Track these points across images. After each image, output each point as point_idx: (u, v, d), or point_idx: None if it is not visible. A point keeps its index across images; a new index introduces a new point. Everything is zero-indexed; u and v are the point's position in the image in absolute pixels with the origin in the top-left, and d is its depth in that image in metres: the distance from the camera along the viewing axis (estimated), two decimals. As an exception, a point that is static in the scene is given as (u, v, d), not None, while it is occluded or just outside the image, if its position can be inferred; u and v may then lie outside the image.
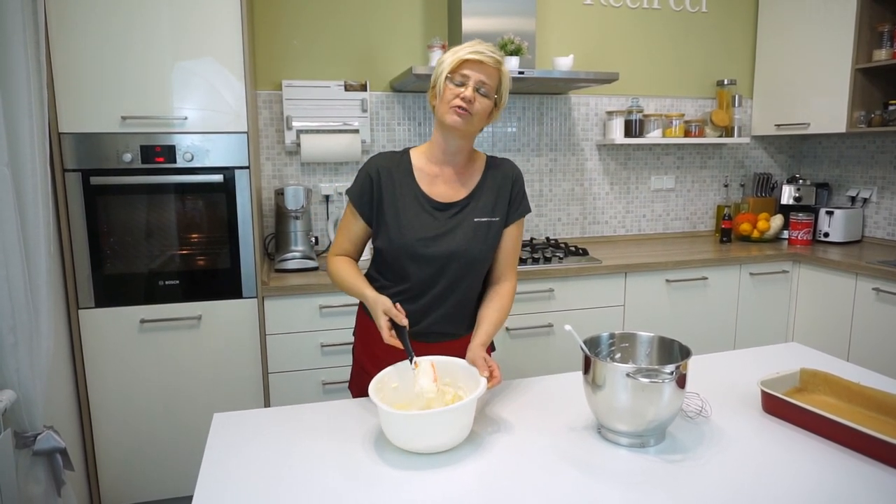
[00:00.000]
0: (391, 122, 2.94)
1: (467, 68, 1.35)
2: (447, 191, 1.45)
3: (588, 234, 3.34)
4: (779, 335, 2.98)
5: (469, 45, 1.36)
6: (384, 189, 1.43)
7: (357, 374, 1.59)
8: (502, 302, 1.48)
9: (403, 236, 1.41)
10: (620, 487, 1.04)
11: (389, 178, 1.44)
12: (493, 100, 1.39)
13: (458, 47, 1.37)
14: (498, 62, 1.37)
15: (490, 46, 1.38)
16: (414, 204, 1.43)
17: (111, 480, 2.25)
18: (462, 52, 1.35)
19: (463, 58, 1.34)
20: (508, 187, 1.49)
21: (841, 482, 1.04)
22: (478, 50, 1.35)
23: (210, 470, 1.10)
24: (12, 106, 1.47)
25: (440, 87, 1.37)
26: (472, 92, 1.35)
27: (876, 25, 2.87)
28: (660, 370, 1.11)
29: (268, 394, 2.35)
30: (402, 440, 1.16)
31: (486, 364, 1.28)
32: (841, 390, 1.32)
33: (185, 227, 2.22)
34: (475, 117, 1.37)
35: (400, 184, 1.44)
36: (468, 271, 1.46)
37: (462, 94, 1.35)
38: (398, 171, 1.45)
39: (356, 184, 1.47)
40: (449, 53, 1.37)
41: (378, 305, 1.33)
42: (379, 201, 1.43)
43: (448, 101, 1.36)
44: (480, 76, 1.35)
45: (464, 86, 1.35)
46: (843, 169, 3.41)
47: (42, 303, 1.57)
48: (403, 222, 1.41)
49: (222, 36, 2.12)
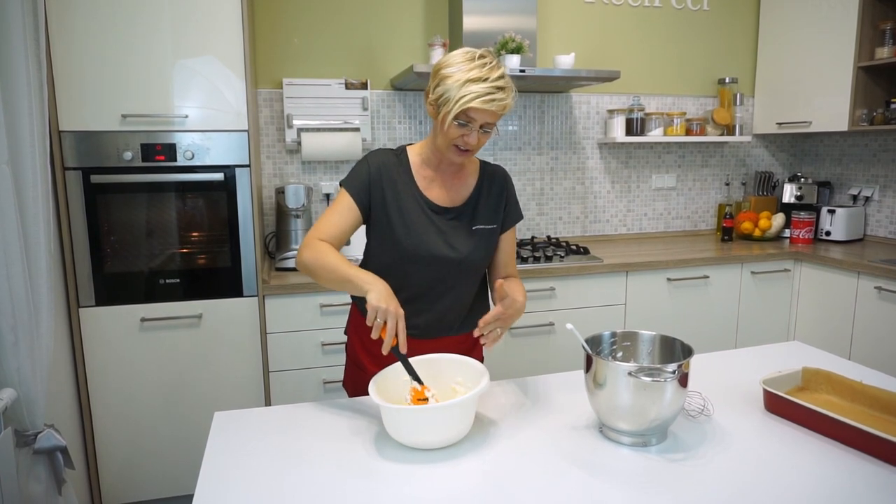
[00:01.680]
0: (392, 121, 2.94)
1: (473, 115, 1.28)
2: (443, 194, 1.45)
3: (589, 232, 3.34)
4: (780, 334, 2.98)
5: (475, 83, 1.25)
6: (385, 188, 1.41)
7: (352, 371, 1.58)
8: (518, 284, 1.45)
9: (409, 238, 1.39)
10: (622, 486, 1.03)
11: (389, 177, 1.42)
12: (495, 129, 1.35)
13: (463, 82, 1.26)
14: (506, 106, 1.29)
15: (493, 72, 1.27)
16: (415, 206, 1.42)
17: (112, 479, 2.25)
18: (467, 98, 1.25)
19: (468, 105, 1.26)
20: (503, 195, 1.50)
21: (843, 481, 1.04)
22: (486, 96, 1.25)
23: (211, 468, 1.10)
24: (12, 104, 1.47)
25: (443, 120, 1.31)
26: (476, 136, 1.32)
27: (878, 23, 2.86)
28: (662, 369, 1.11)
29: (268, 392, 2.35)
30: (404, 435, 1.15)
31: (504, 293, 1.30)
32: (843, 389, 1.31)
33: (185, 226, 2.21)
34: (475, 151, 1.37)
35: (400, 184, 1.42)
36: (466, 277, 1.46)
37: (466, 138, 1.32)
38: (398, 171, 1.43)
39: (355, 177, 1.41)
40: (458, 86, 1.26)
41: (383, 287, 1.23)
42: (381, 200, 1.41)
43: (450, 137, 1.33)
44: (486, 119, 1.30)
45: (468, 126, 1.30)
46: (844, 167, 3.40)
47: (42, 301, 1.57)
48: (408, 224, 1.40)
49: (223, 34, 2.12)
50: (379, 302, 1.19)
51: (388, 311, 1.19)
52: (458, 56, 1.30)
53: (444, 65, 1.31)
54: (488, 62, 1.29)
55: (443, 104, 1.30)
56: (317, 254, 1.32)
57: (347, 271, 1.28)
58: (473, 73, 1.26)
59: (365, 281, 1.25)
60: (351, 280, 1.26)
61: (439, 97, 1.30)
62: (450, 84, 1.28)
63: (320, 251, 1.33)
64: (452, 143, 1.34)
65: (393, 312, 1.19)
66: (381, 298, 1.20)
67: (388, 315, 1.19)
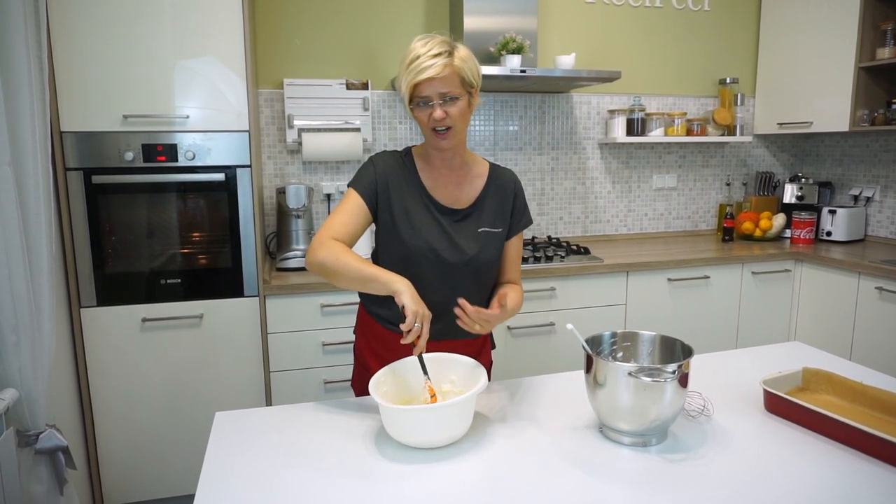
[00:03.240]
0: (392, 121, 2.94)
1: (422, 90, 1.30)
2: (449, 195, 1.45)
3: (590, 232, 3.34)
4: (781, 334, 2.98)
5: (413, 62, 1.28)
6: (391, 189, 1.41)
7: (359, 371, 1.59)
8: (518, 293, 1.47)
9: (416, 238, 1.39)
10: (622, 487, 1.03)
11: (395, 177, 1.42)
12: (465, 95, 1.34)
13: (406, 65, 1.30)
14: (445, 64, 1.28)
15: (431, 45, 1.29)
16: (420, 206, 1.42)
17: (113, 479, 2.25)
18: (410, 77, 1.29)
19: (412, 83, 1.29)
20: (511, 199, 1.49)
21: (843, 481, 1.04)
22: (422, 66, 1.27)
23: (212, 468, 1.10)
24: (14, 105, 1.47)
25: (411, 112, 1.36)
26: (441, 110, 1.31)
27: (879, 23, 2.86)
28: (662, 369, 1.11)
29: (269, 392, 2.35)
30: (403, 435, 1.16)
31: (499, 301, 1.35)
32: (843, 390, 1.31)
33: (186, 226, 2.22)
34: (456, 124, 1.35)
35: (407, 185, 1.42)
36: (473, 279, 1.46)
37: (432, 116, 1.32)
38: (403, 172, 1.43)
39: (363, 177, 1.42)
40: (402, 76, 1.31)
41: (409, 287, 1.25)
42: (385, 198, 1.41)
43: (422, 123, 1.35)
44: (437, 88, 1.29)
45: (428, 105, 1.31)
46: (845, 168, 3.40)
47: (44, 301, 1.57)
48: (413, 224, 1.40)
49: (224, 35, 2.12)
50: (416, 305, 1.22)
51: (425, 315, 1.23)
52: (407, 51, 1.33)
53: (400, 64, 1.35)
54: (425, 39, 1.31)
55: (405, 101, 1.35)
56: (334, 253, 1.31)
57: (371, 270, 1.29)
58: (411, 55, 1.30)
59: (391, 280, 1.26)
60: (377, 278, 1.27)
61: (403, 98, 1.35)
62: (399, 79, 1.34)
63: (337, 251, 1.31)
64: (429, 130, 1.35)
65: (427, 316, 1.23)
66: (415, 301, 1.23)
67: (425, 319, 1.22)
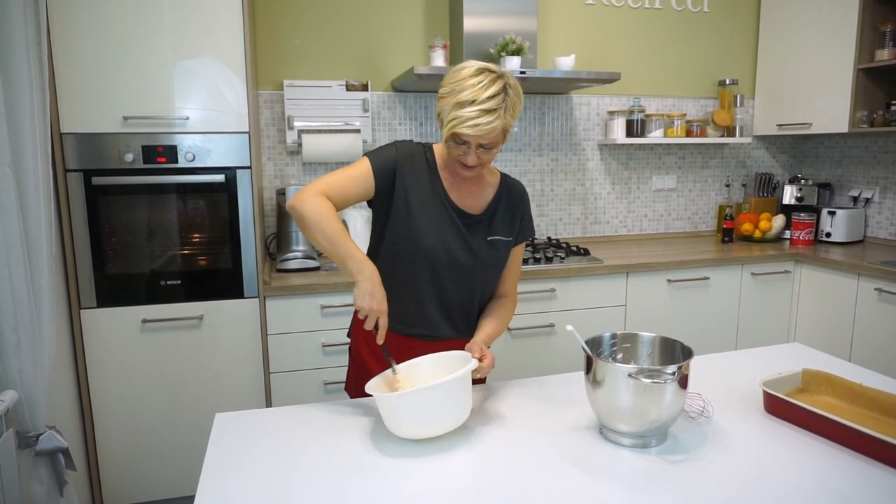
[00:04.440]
0: (392, 122, 2.94)
1: (464, 136, 1.28)
2: (463, 199, 1.44)
3: (589, 233, 3.34)
4: (780, 335, 2.98)
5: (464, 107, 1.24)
6: (408, 178, 1.39)
7: (355, 374, 1.58)
8: (504, 313, 1.51)
9: (429, 234, 1.39)
10: (622, 488, 1.04)
11: (415, 169, 1.41)
12: (499, 145, 1.34)
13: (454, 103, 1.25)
14: (495, 127, 1.26)
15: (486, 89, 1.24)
16: (438, 204, 1.41)
17: (113, 480, 2.25)
18: (455, 123, 1.25)
19: (457, 129, 1.26)
20: (520, 209, 1.50)
21: (843, 483, 1.04)
22: (473, 121, 1.24)
23: (212, 470, 1.10)
24: (14, 106, 1.47)
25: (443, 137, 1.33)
26: (475, 156, 1.31)
27: (878, 25, 2.86)
28: (662, 371, 1.11)
29: (269, 394, 2.35)
30: (401, 425, 1.16)
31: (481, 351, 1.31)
32: (843, 391, 1.31)
33: (186, 227, 2.22)
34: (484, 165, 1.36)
35: (426, 179, 1.41)
36: (478, 284, 1.47)
37: (464, 161, 1.33)
38: (424, 167, 1.42)
39: (382, 153, 1.40)
40: (448, 109, 1.26)
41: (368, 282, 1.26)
42: (403, 190, 1.39)
43: (452, 155, 1.35)
44: (481, 141, 1.29)
45: (464, 146, 1.30)
46: (845, 169, 3.40)
47: (44, 303, 1.57)
48: (430, 220, 1.39)
49: (224, 36, 2.12)
50: (363, 302, 1.26)
51: (372, 310, 1.26)
52: (457, 73, 1.29)
53: (444, 82, 1.31)
54: (482, 80, 1.25)
55: (440, 123, 1.32)
56: (319, 214, 1.29)
57: (347, 248, 1.29)
58: (465, 94, 1.25)
59: (356, 269, 1.28)
60: (345, 261, 1.29)
61: (438, 115, 1.33)
62: (443, 105, 1.29)
63: (324, 211, 1.30)
64: (457, 162, 1.36)
65: (376, 311, 1.26)
66: (364, 298, 1.26)
67: (372, 314, 1.26)
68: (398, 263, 1.42)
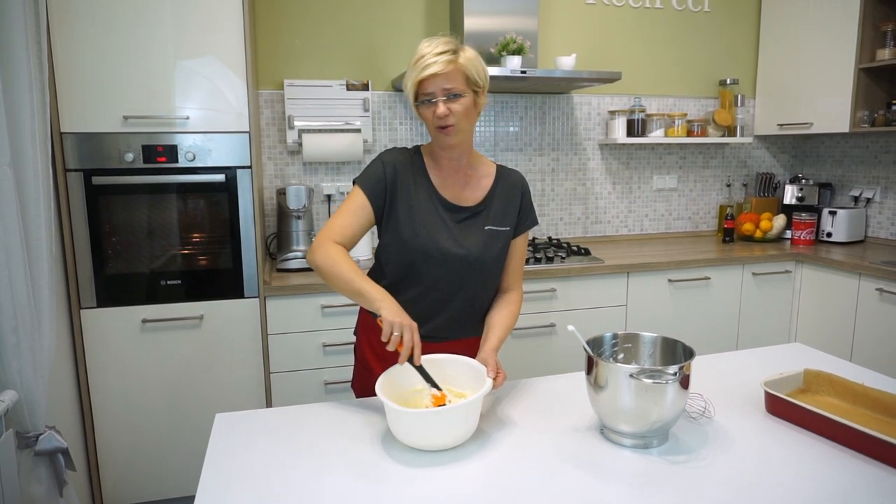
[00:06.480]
0: (393, 122, 2.94)
1: (426, 86, 1.32)
2: (458, 194, 1.45)
3: (590, 233, 3.34)
4: (782, 335, 2.98)
5: (418, 60, 1.32)
6: (398, 185, 1.42)
7: (360, 372, 1.59)
8: (511, 308, 1.50)
9: (419, 235, 1.40)
10: (623, 488, 1.03)
11: (404, 174, 1.43)
12: (469, 93, 1.35)
13: (412, 64, 1.33)
14: (449, 61, 1.30)
15: (436, 44, 1.32)
16: (428, 203, 1.42)
17: (113, 480, 2.25)
18: (414, 74, 1.32)
19: (416, 80, 1.32)
20: (518, 198, 1.50)
21: (844, 483, 1.04)
22: (425, 63, 1.30)
23: (212, 470, 1.10)
24: (14, 106, 1.47)
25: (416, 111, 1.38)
26: (444, 106, 1.32)
27: (879, 24, 2.86)
28: (663, 371, 1.11)
29: (269, 394, 2.35)
30: (410, 438, 1.15)
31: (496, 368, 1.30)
32: (844, 391, 1.31)
33: (186, 227, 2.22)
34: (460, 122, 1.35)
35: (414, 181, 1.43)
36: (479, 277, 1.46)
37: (436, 113, 1.33)
38: (412, 169, 1.44)
39: (370, 174, 1.42)
40: (408, 76, 1.34)
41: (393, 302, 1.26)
42: (392, 197, 1.42)
43: (427, 121, 1.37)
44: (441, 84, 1.31)
45: (432, 102, 1.33)
46: (845, 169, 3.40)
47: (44, 303, 1.57)
48: (420, 221, 1.41)
49: (224, 35, 2.12)
50: (394, 316, 1.23)
51: (403, 324, 1.22)
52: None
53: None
54: (432, 40, 1.33)
55: (409, 98, 1.37)
56: (331, 260, 1.33)
57: (360, 285, 1.30)
58: (416, 54, 1.33)
59: (376, 298, 1.27)
60: (363, 294, 1.29)
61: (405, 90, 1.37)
62: (406, 78, 1.36)
63: (334, 258, 1.33)
64: (434, 128, 1.37)
65: (408, 325, 1.23)
66: (394, 313, 1.24)
67: (404, 328, 1.22)
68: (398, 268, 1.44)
